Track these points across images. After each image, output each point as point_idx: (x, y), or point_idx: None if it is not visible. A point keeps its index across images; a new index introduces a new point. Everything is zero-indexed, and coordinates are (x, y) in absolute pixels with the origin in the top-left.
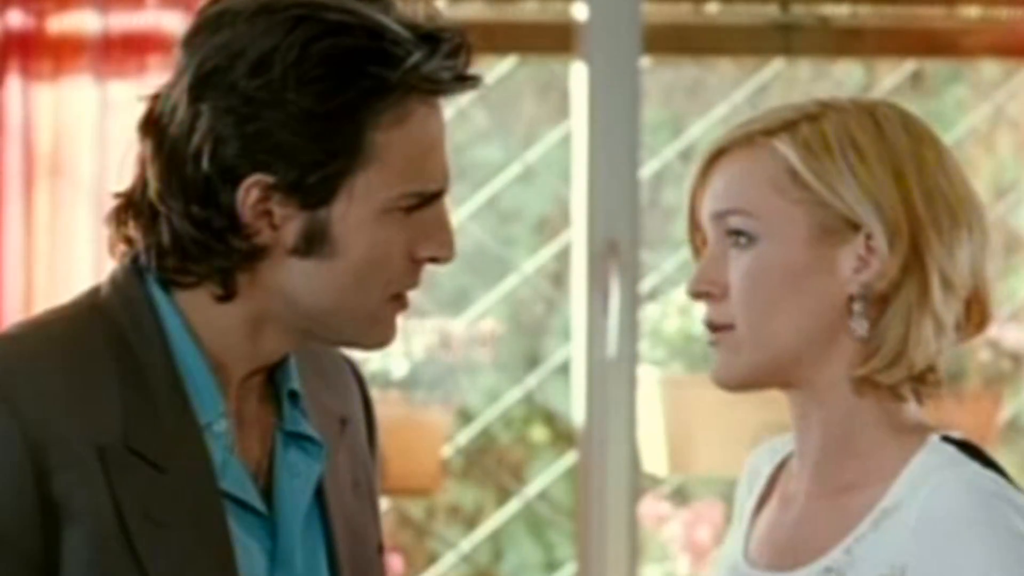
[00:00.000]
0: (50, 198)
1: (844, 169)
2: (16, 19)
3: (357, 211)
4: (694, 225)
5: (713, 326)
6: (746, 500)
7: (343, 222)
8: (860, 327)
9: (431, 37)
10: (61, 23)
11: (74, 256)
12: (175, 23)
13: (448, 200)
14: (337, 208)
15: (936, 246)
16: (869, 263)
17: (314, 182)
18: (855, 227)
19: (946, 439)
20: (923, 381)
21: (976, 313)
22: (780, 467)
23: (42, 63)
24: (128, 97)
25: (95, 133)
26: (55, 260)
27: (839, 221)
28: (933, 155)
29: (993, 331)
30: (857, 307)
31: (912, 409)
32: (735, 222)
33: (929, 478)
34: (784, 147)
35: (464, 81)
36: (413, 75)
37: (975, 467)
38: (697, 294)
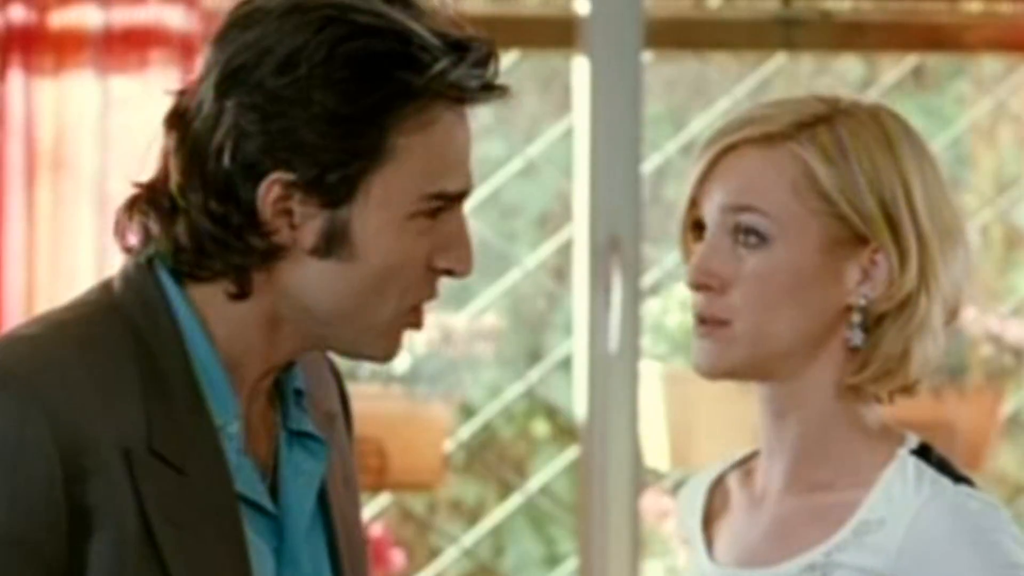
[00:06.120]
0: (52, 193)
1: (862, 183)
2: (18, 14)
3: (378, 214)
4: (690, 215)
5: (707, 319)
6: (690, 528)
7: (363, 223)
8: (856, 337)
9: (460, 45)
10: (63, 18)
11: (75, 251)
12: (177, 18)
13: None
14: (356, 208)
15: (939, 263)
16: (872, 276)
17: (334, 181)
18: (863, 240)
19: (913, 452)
20: (908, 390)
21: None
22: (717, 484)
23: (44, 58)
24: (130, 92)
25: (97, 128)
26: (56, 255)
27: (850, 234)
28: (931, 168)
29: (995, 326)
30: (856, 318)
31: (877, 409)
32: (749, 220)
33: (911, 500)
34: (804, 152)
35: (491, 90)
36: (439, 81)
37: (955, 487)
38: (697, 285)
